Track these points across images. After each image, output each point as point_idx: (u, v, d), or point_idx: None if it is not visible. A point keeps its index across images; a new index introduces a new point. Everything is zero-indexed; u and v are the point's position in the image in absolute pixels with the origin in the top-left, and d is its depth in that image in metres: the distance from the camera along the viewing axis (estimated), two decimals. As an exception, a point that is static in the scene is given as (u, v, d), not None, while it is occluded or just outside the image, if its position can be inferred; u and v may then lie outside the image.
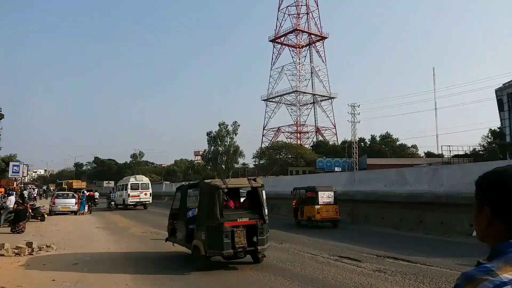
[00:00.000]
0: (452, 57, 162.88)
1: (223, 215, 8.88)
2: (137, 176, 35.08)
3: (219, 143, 75.72)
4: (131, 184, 32.38)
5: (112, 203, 33.48)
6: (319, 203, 18.04)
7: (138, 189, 32.39)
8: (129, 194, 32.08)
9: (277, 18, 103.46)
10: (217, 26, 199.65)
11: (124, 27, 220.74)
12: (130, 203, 32.36)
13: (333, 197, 18.49)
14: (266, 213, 9.55)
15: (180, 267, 9.58)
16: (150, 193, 33.13)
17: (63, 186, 71.95)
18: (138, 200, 32.49)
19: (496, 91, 58.50)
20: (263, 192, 9.66)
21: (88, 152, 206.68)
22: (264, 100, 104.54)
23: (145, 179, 33.76)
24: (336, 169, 61.04)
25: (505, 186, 1.15)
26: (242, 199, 10.62)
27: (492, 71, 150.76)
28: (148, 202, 33.25)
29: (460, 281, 1.06)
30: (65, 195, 30.04)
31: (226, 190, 9.49)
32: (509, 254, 1.07)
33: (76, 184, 69.85)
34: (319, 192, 18.23)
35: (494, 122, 63.22)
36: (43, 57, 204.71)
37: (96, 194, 37.75)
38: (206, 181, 9.94)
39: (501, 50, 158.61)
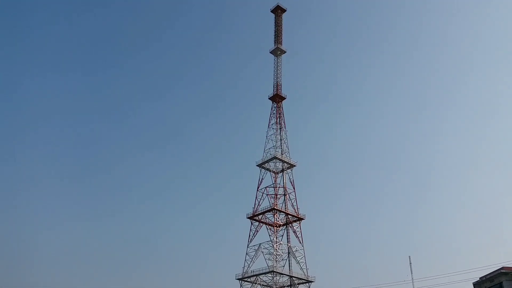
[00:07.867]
0: (429, 245, 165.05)
1: None
2: None
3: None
4: None
5: None
6: None
7: None
8: None
9: (256, 197, 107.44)
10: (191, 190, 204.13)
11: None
12: None
13: None
14: None
15: None
16: None
17: None
18: None
19: (474, 284, 57.33)
20: None
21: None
22: (239, 279, 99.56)
23: None
24: None
25: None
26: None
27: (468, 263, 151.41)
28: None
29: None
30: None
31: None
32: None
33: None
34: None
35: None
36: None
37: None
38: None
39: (476, 240, 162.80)
